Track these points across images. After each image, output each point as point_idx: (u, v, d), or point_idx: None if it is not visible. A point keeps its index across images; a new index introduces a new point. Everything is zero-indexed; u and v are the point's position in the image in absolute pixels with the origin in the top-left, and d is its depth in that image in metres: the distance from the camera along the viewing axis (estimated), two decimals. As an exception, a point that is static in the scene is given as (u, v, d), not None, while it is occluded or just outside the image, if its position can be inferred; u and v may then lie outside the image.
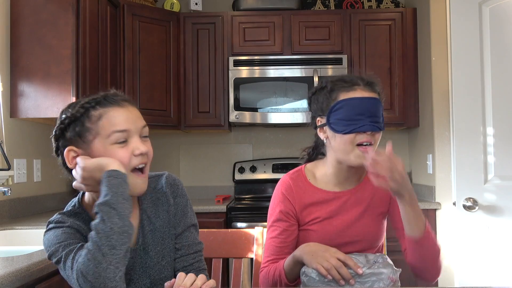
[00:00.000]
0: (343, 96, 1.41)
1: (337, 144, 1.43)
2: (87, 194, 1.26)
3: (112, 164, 1.15)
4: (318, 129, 1.50)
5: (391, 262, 1.35)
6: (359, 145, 1.40)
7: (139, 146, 1.20)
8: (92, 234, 1.08)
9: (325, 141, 1.49)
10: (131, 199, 1.15)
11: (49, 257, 1.17)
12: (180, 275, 1.09)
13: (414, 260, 1.42)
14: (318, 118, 1.49)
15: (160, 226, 1.29)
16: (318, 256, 1.31)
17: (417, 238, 1.37)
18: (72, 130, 1.19)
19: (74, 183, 1.21)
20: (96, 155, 1.17)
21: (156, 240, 1.28)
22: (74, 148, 1.19)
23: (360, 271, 1.28)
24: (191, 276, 1.09)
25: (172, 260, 1.30)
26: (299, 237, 1.52)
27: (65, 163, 1.21)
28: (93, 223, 1.09)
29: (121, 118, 1.19)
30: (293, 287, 1.42)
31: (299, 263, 1.37)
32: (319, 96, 1.48)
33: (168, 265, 1.29)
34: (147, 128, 1.24)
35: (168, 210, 1.31)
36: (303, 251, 1.36)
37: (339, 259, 1.29)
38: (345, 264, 1.29)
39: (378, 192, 1.51)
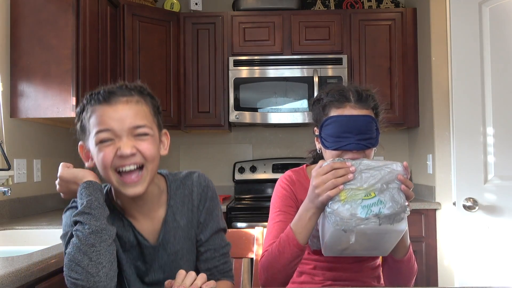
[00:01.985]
0: (333, 112, 1.42)
1: (327, 158, 1.45)
2: None
3: (87, 176, 1.16)
4: (315, 138, 1.52)
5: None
6: None
7: (122, 146, 1.12)
8: (73, 239, 1.10)
9: (318, 151, 1.52)
10: (104, 205, 1.14)
11: (60, 237, 1.19)
12: (180, 273, 1.08)
13: (388, 275, 1.47)
14: (315, 128, 1.51)
15: (184, 225, 1.26)
16: (317, 192, 1.27)
17: (397, 259, 1.41)
18: (79, 123, 1.20)
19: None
20: (92, 153, 1.17)
21: (178, 238, 1.26)
22: (83, 144, 1.20)
23: (351, 167, 1.26)
24: (191, 274, 1.08)
25: (191, 259, 1.29)
26: None
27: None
28: (73, 229, 1.11)
29: (106, 117, 1.13)
30: (300, 251, 1.35)
31: (311, 211, 1.32)
32: (315, 108, 1.49)
33: (186, 264, 1.27)
34: (144, 129, 1.15)
35: (192, 210, 1.28)
36: (306, 203, 1.33)
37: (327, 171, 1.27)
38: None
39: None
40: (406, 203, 1.26)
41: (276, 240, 1.41)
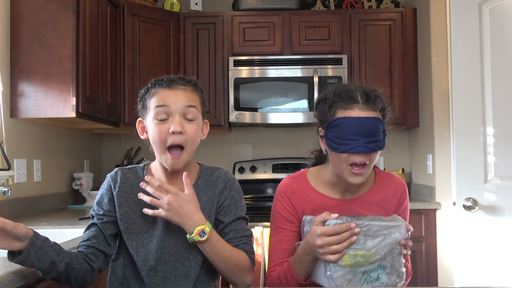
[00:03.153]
0: (340, 113, 1.38)
1: (333, 159, 1.43)
2: (154, 163, 1.47)
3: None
4: (320, 139, 1.48)
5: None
6: (353, 164, 1.38)
7: (174, 124, 1.35)
8: None
9: (324, 152, 1.49)
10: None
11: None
12: None
13: None
14: (319, 128, 1.47)
15: (205, 202, 1.45)
16: (320, 251, 1.29)
17: None
18: (142, 102, 1.45)
19: None
20: (147, 127, 1.42)
21: None
22: (142, 120, 1.46)
23: (356, 228, 1.27)
24: None
25: None
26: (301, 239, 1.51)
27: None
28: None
29: (164, 96, 1.38)
30: (305, 287, 1.41)
31: (311, 256, 1.35)
32: (321, 107, 1.45)
33: None
34: (193, 110, 1.38)
35: (214, 191, 1.46)
36: (303, 249, 1.37)
37: (329, 235, 1.28)
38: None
39: (383, 202, 1.51)
40: (404, 270, 1.31)
41: (281, 264, 1.46)
